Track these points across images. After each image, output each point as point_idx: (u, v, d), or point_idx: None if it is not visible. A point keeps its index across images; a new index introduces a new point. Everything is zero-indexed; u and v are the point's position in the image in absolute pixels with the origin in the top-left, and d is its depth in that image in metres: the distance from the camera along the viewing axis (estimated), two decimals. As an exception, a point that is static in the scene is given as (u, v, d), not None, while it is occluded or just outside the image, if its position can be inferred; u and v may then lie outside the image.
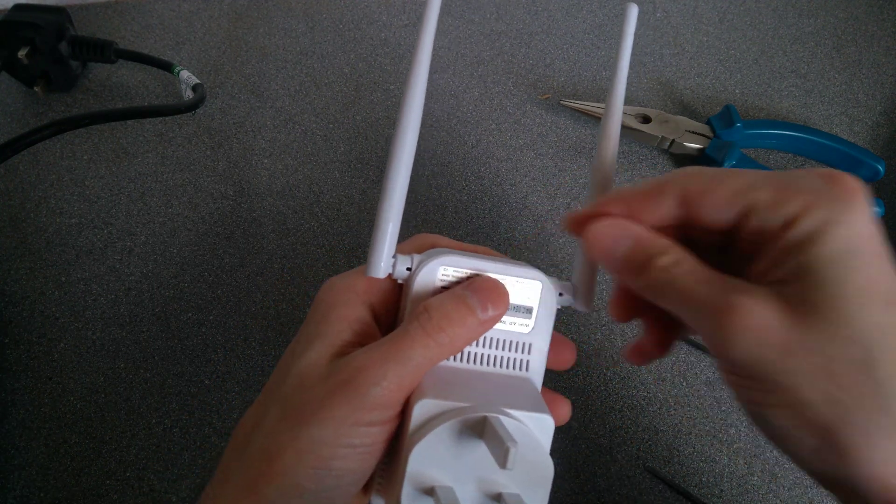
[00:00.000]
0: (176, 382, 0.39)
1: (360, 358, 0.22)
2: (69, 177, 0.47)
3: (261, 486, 0.21)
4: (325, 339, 0.23)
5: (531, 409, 0.23)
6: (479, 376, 0.25)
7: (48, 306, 0.41)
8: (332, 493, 0.22)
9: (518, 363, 0.26)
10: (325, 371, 0.22)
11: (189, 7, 0.58)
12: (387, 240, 0.23)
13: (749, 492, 0.38)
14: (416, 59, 0.23)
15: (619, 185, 0.50)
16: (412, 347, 0.22)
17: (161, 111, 0.48)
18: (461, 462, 0.22)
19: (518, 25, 0.60)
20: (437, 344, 0.22)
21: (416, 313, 0.23)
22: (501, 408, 0.23)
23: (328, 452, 0.21)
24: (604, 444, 0.39)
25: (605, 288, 0.45)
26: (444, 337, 0.22)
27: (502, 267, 0.25)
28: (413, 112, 0.23)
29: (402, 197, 0.24)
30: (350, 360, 0.22)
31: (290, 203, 0.47)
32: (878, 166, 0.51)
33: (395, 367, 0.22)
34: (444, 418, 0.22)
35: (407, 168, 0.23)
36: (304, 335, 0.24)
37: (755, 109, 0.56)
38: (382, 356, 0.22)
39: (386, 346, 0.22)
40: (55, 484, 0.36)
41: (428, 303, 0.23)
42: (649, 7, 0.63)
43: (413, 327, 0.22)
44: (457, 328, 0.23)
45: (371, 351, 0.22)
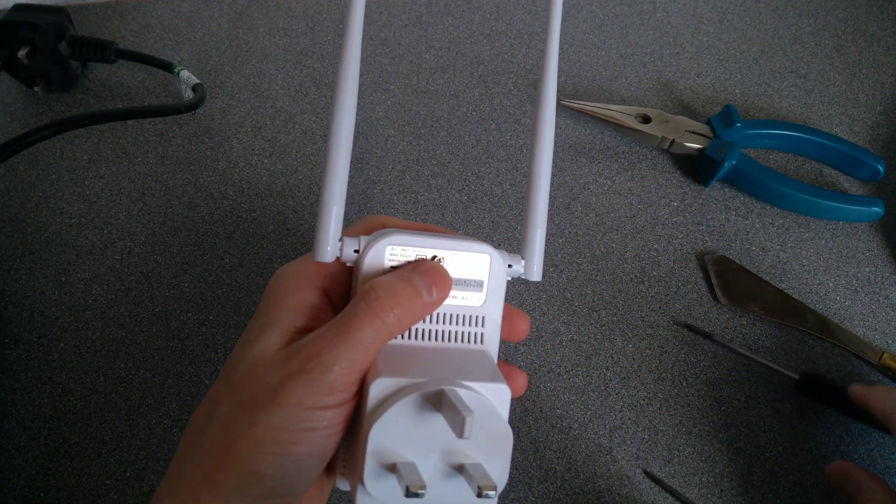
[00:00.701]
0: (176, 382, 0.39)
1: (312, 344, 0.22)
2: (69, 177, 0.47)
3: (218, 476, 0.21)
4: (277, 327, 0.23)
5: (487, 379, 0.24)
6: (434, 352, 0.25)
7: (48, 306, 0.41)
8: (293, 479, 0.22)
9: (472, 336, 0.26)
10: (278, 357, 0.22)
11: (189, 7, 0.58)
12: (331, 223, 0.23)
13: (749, 492, 0.38)
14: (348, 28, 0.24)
15: (618, 185, 0.50)
16: (361, 329, 0.22)
17: (161, 111, 0.48)
18: (421, 436, 0.22)
19: (518, 25, 0.60)
20: (384, 324, 0.22)
21: (362, 293, 0.23)
22: (458, 380, 0.23)
23: (287, 437, 0.21)
24: (604, 444, 0.39)
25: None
26: (390, 316, 0.22)
27: (450, 242, 0.25)
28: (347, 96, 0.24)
29: (345, 180, 0.24)
30: (302, 347, 0.22)
31: (290, 203, 0.47)
32: (878, 166, 0.51)
33: (346, 349, 0.22)
34: (401, 395, 0.22)
35: (347, 149, 0.24)
36: (255, 324, 0.24)
37: (755, 109, 0.56)
38: (333, 339, 0.22)
39: (335, 329, 0.22)
40: (55, 484, 0.36)
41: (374, 282, 0.23)
42: (649, 7, 0.63)
43: (360, 308, 0.22)
44: (404, 307, 0.23)
45: (321, 335, 0.22)
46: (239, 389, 0.22)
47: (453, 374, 0.23)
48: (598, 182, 0.50)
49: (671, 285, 0.45)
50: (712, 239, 0.48)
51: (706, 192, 0.50)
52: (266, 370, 0.22)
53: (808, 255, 0.48)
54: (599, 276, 0.45)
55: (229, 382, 0.23)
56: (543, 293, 0.44)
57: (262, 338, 0.23)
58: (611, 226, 0.48)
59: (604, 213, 0.48)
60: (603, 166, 0.51)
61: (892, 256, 0.48)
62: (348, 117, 0.24)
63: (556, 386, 0.41)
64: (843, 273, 0.47)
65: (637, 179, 0.51)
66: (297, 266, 0.25)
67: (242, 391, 0.22)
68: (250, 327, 0.24)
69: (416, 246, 0.25)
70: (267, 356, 0.22)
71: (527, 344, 0.42)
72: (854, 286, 0.47)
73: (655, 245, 0.47)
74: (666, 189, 0.50)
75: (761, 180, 0.48)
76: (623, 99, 0.55)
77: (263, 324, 0.23)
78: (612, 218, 0.48)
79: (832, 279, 0.47)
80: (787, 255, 0.48)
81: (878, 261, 0.48)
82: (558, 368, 0.41)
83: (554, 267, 0.45)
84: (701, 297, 0.45)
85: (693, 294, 0.45)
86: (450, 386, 0.22)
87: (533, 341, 0.42)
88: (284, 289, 0.24)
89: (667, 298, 0.45)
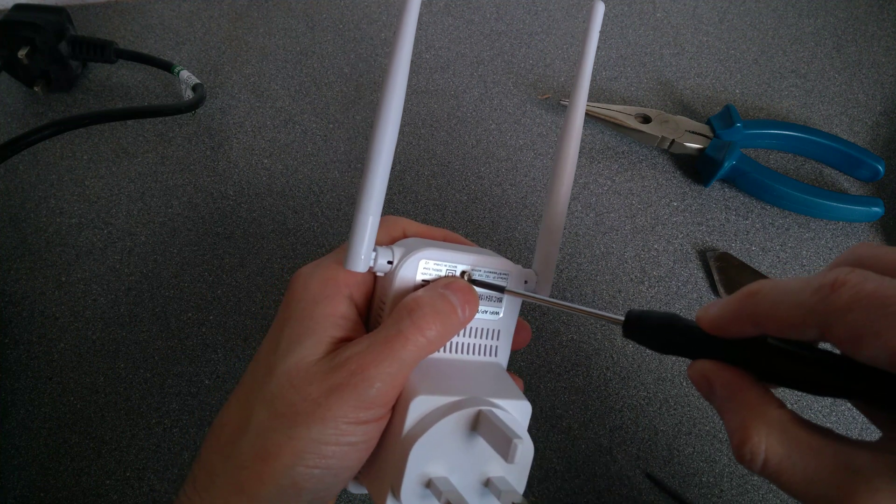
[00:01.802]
0: (176, 382, 0.39)
1: (356, 358, 0.22)
2: (69, 177, 0.47)
3: (256, 488, 0.21)
4: (312, 337, 0.23)
5: (512, 396, 0.25)
6: (457, 366, 0.26)
7: (48, 306, 0.41)
8: (328, 491, 0.22)
9: (489, 349, 0.27)
10: (317, 370, 0.22)
11: (189, 7, 0.58)
12: (367, 233, 0.23)
13: (749, 492, 0.38)
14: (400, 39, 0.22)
15: (618, 185, 0.50)
16: (405, 346, 0.22)
17: (161, 111, 0.48)
18: (454, 452, 0.23)
19: (518, 25, 0.60)
20: (427, 341, 0.23)
21: (406, 310, 0.23)
22: (490, 399, 0.24)
23: (328, 451, 0.21)
24: (604, 444, 0.39)
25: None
26: (433, 333, 0.23)
27: (476, 258, 0.26)
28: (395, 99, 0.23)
29: (384, 189, 0.23)
30: (345, 361, 0.22)
31: (290, 203, 0.47)
32: (877, 166, 0.51)
33: (389, 366, 0.22)
34: (439, 413, 0.22)
35: (388, 157, 0.23)
36: (286, 332, 0.23)
37: (755, 109, 0.56)
38: (377, 356, 0.22)
39: (380, 346, 0.22)
40: (55, 484, 0.36)
41: (416, 298, 0.23)
42: (649, 7, 0.63)
43: (406, 325, 0.22)
44: (444, 324, 0.23)
45: (366, 350, 0.22)
46: (275, 400, 0.22)
47: (483, 391, 0.24)
48: (598, 182, 0.50)
49: (671, 285, 0.45)
50: (712, 239, 0.48)
51: (706, 191, 0.50)
52: (306, 382, 0.22)
53: (808, 255, 0.48)
54: (599, 276, 0.45)
55: (262, 392, 0.22)
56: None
57: (298, 348, 0.22)
58: (611, 226, 0.48)
59: (604, 213, 0.48)
60: (603, 166, 0.51)
61: (892, 256, 0.48)
62: (393, 123, 0.23)
63: (556, 386, 0.41)
64: (843, 273, 0.47)
65: (637, 179, 0.51)
66: (324, 272, 0.24)
67: (280, 402, 0.22)
68: (277, 334, 0.24)
69: (446, 261, 0.25)
70: (305, 367, 0.22)
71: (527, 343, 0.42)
72: (854, 286, 0.47)
73: (655, 245, 0.47)
74: (666, 189, 0.50)
75: (761, 180, 0.48)
76: (623, 99, 0.55)
77: (298, 333, 0.23)
78: (612, 218, 0.48)
79: (832, 279, 0.47)
80: (787, 254, 0.48)
81: (878, 261, 0.48)
82: (558, 368, 0.41)
83: (555, 268, 0.45)
84: (701, 296, 0.45)
85: (693, 294, 0.45)
86: (488, 407, 0.23)
87: (533, 341, 0.42)
88: (314, 297, 0.24)
89: (667, 298, 0.45)
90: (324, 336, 0.23)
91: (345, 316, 0.24)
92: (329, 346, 0.23)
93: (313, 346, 0.23)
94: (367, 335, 0.23)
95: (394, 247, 0.25)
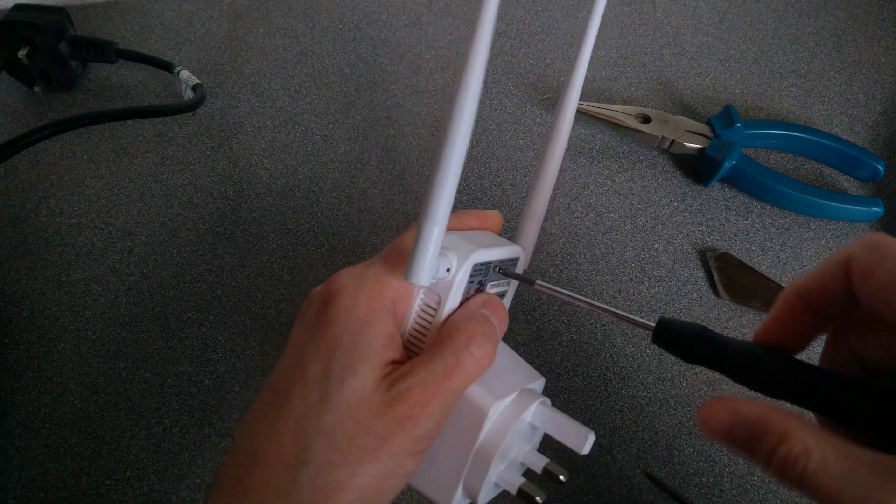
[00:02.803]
0: (176, 382, 0.39)
1: (417, 391, 0.21)
2: (69, 177, 0.47)
3: None
4: (367, 363, 0.22)
5: (535, 376, 0.27)
6: None
7: (48, 306, 0.41)
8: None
9: None
10: (378, 401, 0.21)
11: (189, 7, 0.58)
12: (433, 244, 0.21)
13: (749, 492, 0.38)
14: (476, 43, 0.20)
15: (618, 185, 0.50)
16: (465, 378, 0.22)
17: (161, 111, 0.48)
18: (513, 445, 0.25)
19: (518, 25, 0.60)
20: (481, 370, 0.23)
21: (463, 339, 0.22)
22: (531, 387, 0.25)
23: (388, 484, 0.21)
24: (604, 444, 0.39)
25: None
26: (487, 362, 0.23)
27: (501, 251, 0.26)
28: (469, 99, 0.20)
29: (452, 198, 0.21)
30: (405, 393, 0.21)
31: (290, 203, 0.47)
32: (877, 166, 0.51)
33: (449, 397, 0.22)
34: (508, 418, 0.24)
35: (459, 164, 0.21)
36: (339, 355, 0.22)
37: (755, 109, 0.56)
38: (439, 388, 0.21)
39: (440, 376, 0.22)
40: (55, 484, 0.36)
41: (469, 326, 0.23)
42: (649, 7, 0.63)
43: (466, 359, 0.22)
44: (493, 350, 0.23)
45: (427, 382, 0.21)
46: (335, 433, 0.21)
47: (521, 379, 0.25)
48: (598, 182, 0.50)
49: (671, 285, 0.45)
50: (712, 239, 0.48)
51: (706, 191, 0.50)
52: (368, 415, 0.21)
53: (808, 255, 0.48)
54: (599, 276, 0.45)
55: (319, 423, 0.21)
56: (543, 293, 0.44)
57: (355, 375, 0.21)
58: (611, 226, 0.48)
59: (604, 213, 0.48)
60: (603, 166, 0.51)
61: (892, 256, 0.48)
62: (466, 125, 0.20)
63: (556, 386, 0.41)
64: (844, 273, 0.47)
65: (637, 179, 0.51)
66: (371, 286, 0.23)
67: (340, 435, 0.21)
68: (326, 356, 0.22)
69: (487, 259, 0.25)
70: (363, 398, 0.21)
71: (527, 343, 0.42)
72: (854, 286, 0.47)
73: (655, 245, 0.47)
74: (666, 189, 0.50)
75: (761, 180, 0.48)
76: (623, 99, 0.55)
77: (352, 358, 0.22)
78: (612, 218, 0.48)
79: (832, 279, 0.47)
80: (787, 255, 0.48)
81: (878, 261, 0.48)
82: (558, 368, 0.41)
83: (554, 267, 0.45)
84: (701, 296, 0.45)
85: (693, 294, 0.45)
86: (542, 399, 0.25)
87: (533, 341, 0.42)
88: (365, 316, 0.22)
89: (667, 298, 0.45)
90: (378, 362, 0.22)
91: (393, 335, 0.23)
92: (383, 370, 0.22)
93: (369, 372, 0.22)
94: (422, 361, 0.22)
95: (448, 252, 0.23)
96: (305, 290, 0.43)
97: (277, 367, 0.24)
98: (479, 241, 0.25)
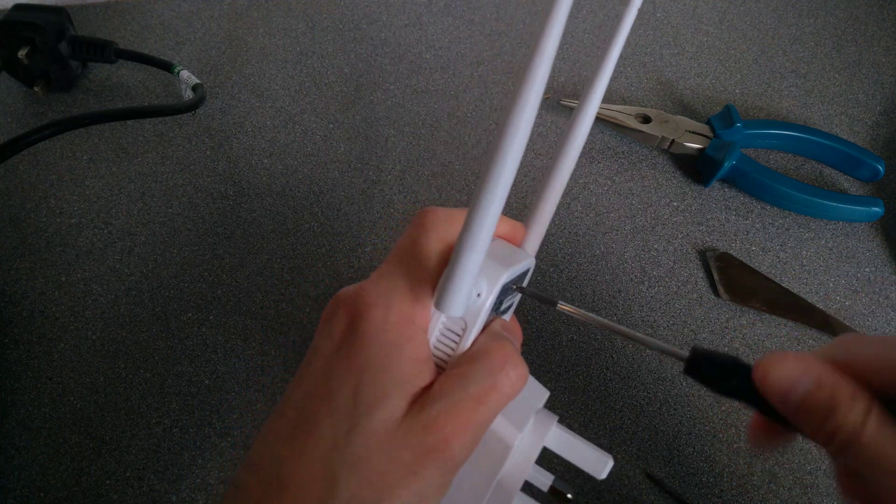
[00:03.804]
0: (176, 382, 0.39)
1: (448, 420, 0.20)
2: (69, 177, 0.47)
3: None
4: (399, 389, 0.21)
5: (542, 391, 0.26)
6: None
7: (48, 306, 0.41)
8: None
9: None
10: (408, 428, 0.20)
11: (189, 7, 0.58)
12: (471, 274, 0.19)
13: (749, 492, 0.38)
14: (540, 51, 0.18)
15: (618, 185, 0.50)
16: (500, 403, 0.21)
17: (161, 111, 0.48)
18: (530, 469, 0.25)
19: (518, 25, 0.60)
20: (515, 392, 0.22)
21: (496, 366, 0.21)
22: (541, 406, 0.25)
23: None
24: (604, 445, 0.39)
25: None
26: (521, 384, 0.22)
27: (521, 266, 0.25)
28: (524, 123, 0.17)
29: (496, 220, 0.19)
30: (435, 420, 0.20)
31: (290, 203, 0.47)
32: (877, 166, 0.51)
33: (485, 423, 0.21)
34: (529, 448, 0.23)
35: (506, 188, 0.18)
36: (368, 380, 0.21)
37: (755, 109, 0.56)
38: (471, 417, 0.20)
39: (474, 399, 0.21)
40: (55, 484, 0.36)
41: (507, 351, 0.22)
42: (649, 7, 0.63)
43: (502, 380, 0.21)
44: (526, 373, 0.22)
45: (458, 409, 0.20)
46: (362, 465, 0.20)
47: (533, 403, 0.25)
48: (598, 182, 0.50)
49: (671, 285, 0.45)
50: (712, 239, 0.48)
51: (706, 191, 0.50)
52: (396, 445, 0.20)
53: (808, 255, 0.48)
54: (599, 276, 0.45)
55: (347, 454, 0.20)
56: (543, 293, 0.44)
57: (385, 403, 0.20)
58: (611, 226, 0.48)
59: (604, 213, 0.48)
60: (603, 166, 0.51)
61: (892, 256, 0.48)
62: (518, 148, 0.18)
63: (556, 386, 0.41)
64: (843, 273, 0.47)
65: (637, 179, 0.51)
66: (402, 306, 0.22)
67: (368, 469, 0.20)
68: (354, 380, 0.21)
69: (512, 278, 0.24)
70: (392, 428, 0.20)
71: (527, 344, 0.42)
72: (854, 286, 0.47)
73: (655, 245, 0.47)
74: (666, 189, 0.50)
75: (761, 180, 0.48)
76: (623, 99, 0.55)
77: (383, 384, 0.21)
78: (612, 218, 0.48)
79: (832, 279, 0.47)
80: (787, 255, 0.48)
81: (878, 261, 0.48)
82: (558, 368, 0.41)
83: (554, 267, 0.45)
84: (701, 296, 0.45)
85: (693, 294, 0.45)
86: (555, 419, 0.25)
87: (533, 341, 0.42)
88: (396, 340, 0.21)
89: (667, 298, 0.45)
90: (410, 389, 0.21)
91: (426, 359, 0.22)
92: (414, 397, 0.21)
93: (401, 400, 0.21)
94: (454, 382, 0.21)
95: (480, 278, 0.21)
96: (305, 290, 0.43)
97: (301, 384, 0.22)
98: (502, 257, 0.23)
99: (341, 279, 0.44)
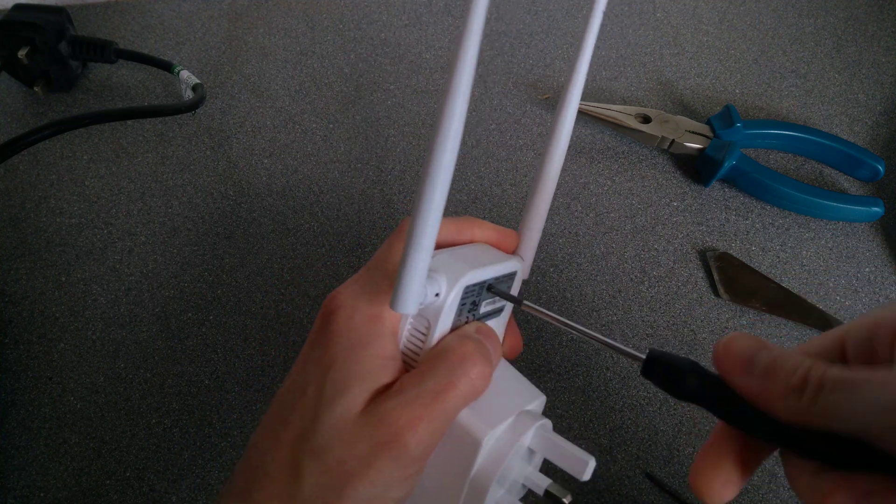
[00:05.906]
0: (176, 382, 0.39)
1: (403, 412, 0.21)
2: (69, 177, 0.47)
3: None
4: (361, 384, 0.21)
5: (535, 395, 0.25)
6: None
7: (48, 306, 0.41)
8: None
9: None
10: (364, 422, 0.21)
11: (189, 7, 0.58)
12: (420, 272, 0.20)
13: (749, 492, 0.38)
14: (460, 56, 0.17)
15: (618, 185, 0.50)
16: (458, 401, 0.21)
17: (161, 111, 0.48)
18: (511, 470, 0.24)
19: (518, 25, 0.60)
20: (475, 392, 0.22)
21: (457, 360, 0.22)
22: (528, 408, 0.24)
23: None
24: (604, 445, 0.39)
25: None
26: (482, 383, 0.22)
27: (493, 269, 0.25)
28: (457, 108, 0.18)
29: (439, 217, 0.19)
30: (391, 413, 0.21)
31: (290, 203, 0.47)
32: (877, 166, 0.51)
33: (440, 422, 0.21)
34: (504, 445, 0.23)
35: (446, 185, 0.19)
36: (332, 375, 0.22)
37: (755, 109, 0.56)
38: (427, 410, 0.21)
39: (430, 399, 0.21)
40: (55, 484, 0.36)
41: (467, 349, 0.22)
42: (649, 7, 0.63)
43: (461, 381, 0.21)
44: (489, 372, 0.23)
45: (415, 402, 0.21)
46: (325, 454, 0.21)
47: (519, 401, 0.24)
48: (598, 182, 0.50)
49: (671, 285, 0.45)
50: (712, 239, 0.48)
51: (706, 191, 0.50)
52: (353, 437, 0.21)
53: (808, 255, 0.48)
54: (599, 276, 0.45)
55: (311, 443, 0.21)
56: (543, 293, 0.44)
57: (345, 396, 0.21)
58: (611, 226, 0.48)
59: (604, 213, 0.48)
60: (603, 166, 0.51)
61: (892, 256, 0.48)
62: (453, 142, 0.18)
63: (556, 386, 0.41)
64: (843, 273, 0.47)
65: (637, 179, 0.51)
66: (368, 308, 0.23)
67: (330, 457, 0.21)
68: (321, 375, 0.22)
69: (479, 280, 0.24)
70: (351, 419, 0.21)
71: (527, 344, 0.42)
72: (854, 286, 0.47)
73: (655, 245, 0.47)
74: (666, 189, 0.50)
75: (761, 180, 0.48)
76: (623, 99, 0.55)
77: (344, 378, 0.21)
78: (612, 218, 0.48)
79: (832, 279, 0.47)
80: (787, 254, 0.48)
81: (878, 261, 0.48)
82: (558, 368, 0.41)
83: (554, 267, 0.45)
84: (701, 296, 0.45)
85: (693, 294, 0.45)
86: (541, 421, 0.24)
87: (533, 341, 0.42)
88: (361, 338, 0.22)
89: (667, 298, 0.45)
90: (371, 383, 0.22)
91: (392, 356, 0.23)
92: (375, 392, 0.22)
93: (360, 395, 0.21)
94: (412, 380, 0.22)
95: (437, 276, 0.22)
96: (305, 290, 0.43)
97: (286, 380, 0.24)
98: (472, 259, 0.24)
99: (341, 279, 0.43)
